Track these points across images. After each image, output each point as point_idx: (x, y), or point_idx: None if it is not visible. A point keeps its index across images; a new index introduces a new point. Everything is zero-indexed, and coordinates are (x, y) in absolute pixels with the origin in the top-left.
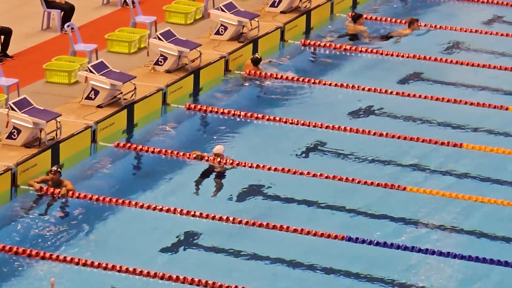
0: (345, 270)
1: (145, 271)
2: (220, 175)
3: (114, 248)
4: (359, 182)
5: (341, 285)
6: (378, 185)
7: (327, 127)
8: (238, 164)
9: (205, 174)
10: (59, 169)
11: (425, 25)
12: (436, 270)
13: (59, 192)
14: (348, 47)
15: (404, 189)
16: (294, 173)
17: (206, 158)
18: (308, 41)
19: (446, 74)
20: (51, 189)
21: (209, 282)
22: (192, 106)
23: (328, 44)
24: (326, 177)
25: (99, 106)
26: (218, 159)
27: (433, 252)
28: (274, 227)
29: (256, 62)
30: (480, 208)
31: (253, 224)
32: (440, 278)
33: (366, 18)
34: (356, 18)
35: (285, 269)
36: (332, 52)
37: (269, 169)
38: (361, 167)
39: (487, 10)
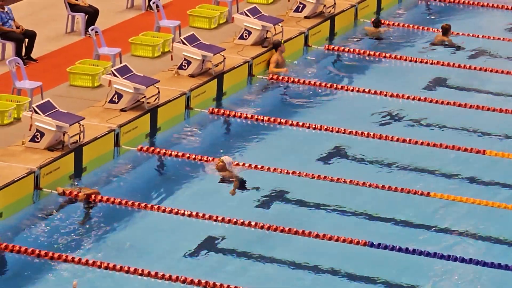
0: (368, 276)
1: (167, 275)
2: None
3: (136, 252)
4: (382, 187)
5: None
6: (401, 190)
7: (350, 132)
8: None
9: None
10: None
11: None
12: (461, 277)
13: (81, 195)
14: (371, 52)
15: (428, 194)
16: (317, 178)
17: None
18: (332, 46)
19: (470, 81)
20: (74, 192)
21: (231, 286)
22: (216, 110)
23: (351, 50)
24: (349, 182)
25: (122, 110)
26: (218, 162)
27: (455, 259)
28: (296, 232)
29: (275, 46)
30: (504, 214)
31: (275, 229)
32: (465, 285)
33: (389, 24)
34: (376, 22)
35: (306, 274)
36: (356, 58)
37: (292, 174)
38: (383, 172)
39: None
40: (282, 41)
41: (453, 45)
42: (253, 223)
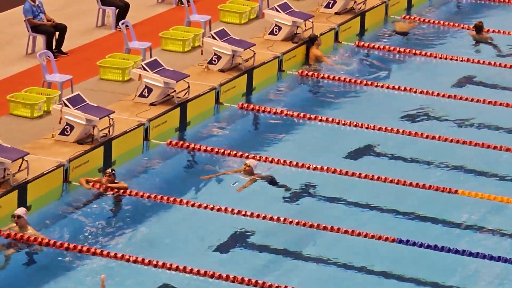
0: (396, 273)
1: (195, 269)
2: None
3: (165, 246)
4: (410, 184)
5: (392, 287)
6: (430, 187)
7: (379, 128)
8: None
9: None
10: (113, 171)
11: (488, 31)
12: (490, 275)
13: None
14: (402, 49)
15: (456, 192)
16: (346, 174)
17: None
18: (362, 42)
19: (500, 78)
20: (103, 186)
21: (259, 281)
22: (245, 105)
23: (381, 46)
24: (378, 179)
25: (152, 104)
26: (244, 167)
27: (484, 256)
28: (325, 228)
29: (312, 40)
30: None
31: (304, 224)
32: (497, 284)
33: (420, 20)
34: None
35: (332, 269)
36: (386, 54)
37: (320, 170)
38: (412, 169)
39: None
40: (318, 35)
41: (487, 42)
42: (282, 219)
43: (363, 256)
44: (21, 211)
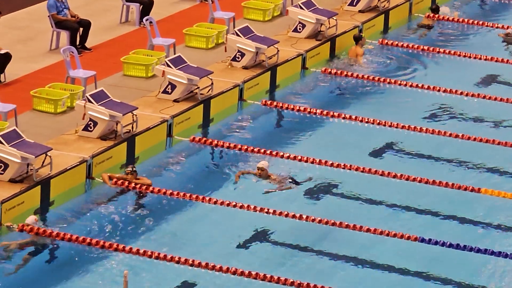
0: (415, 271)
1: (217, 266)
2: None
3: (187, 243)
4: (433, 182)
5: (412, 285)
6: (452, 186)
7: (402, 127)
8: (292, 181)
9: None
10: (134, 168)
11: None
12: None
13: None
14: (425, 47)
15: (479, 190)
16: (368, 172)
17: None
18: (386, 40)
19: None
20: (126, 182)
21: (281, 278)
22: (268, 102)
23: (405, 44)
24: (400, 177)
25: (175, 101)
26: (259, 172)
27: (506, 255)
28: (347, 226)
29: (356, 39)
30: None
31: (326, 222)
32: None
33: (444, 19)
34: (434, 9)
35: (351, 267)
36: (409, 52)
37: (343, 167)
38: (433, 167)
39: None
40: (363, 35)
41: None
42: (304, 216)
43: (383, 254)
44: (31, 220)
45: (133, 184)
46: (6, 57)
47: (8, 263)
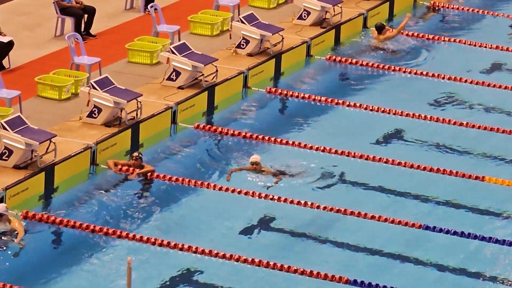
0: (420, 259)
1: (220, 253)
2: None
3: (191, 229)
4: (437, 170)
5: (417, 273)
6: (456, 174)
7: (407, 114)
8: (282, 173)
9: None
10: (140, 155)
11: None
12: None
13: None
14: (431, 36)
15: (483, 179)
16: (373, 159)
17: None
18: (391, 29)
19: None
20: (130, 169)
21: (284, 265)
22: (273, 90)
23: (411, 33)
24: (405, 165)
25: (180, 88)
26: (254, 167)
27: (510, 243)
28: (352, 213)
29: (379, 29)
30: None
31: (331, 209)
32: None
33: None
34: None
35: (356, 254)
36: (415, 40)
37: (347, 155)
38: (439, 156)
39: None
40: (385, 23)
41: None
42: (309, 203)
43: (389, 242)
44: (1, 208)
45: (137, 171)
46: (9, 45)
47: (11, 249)
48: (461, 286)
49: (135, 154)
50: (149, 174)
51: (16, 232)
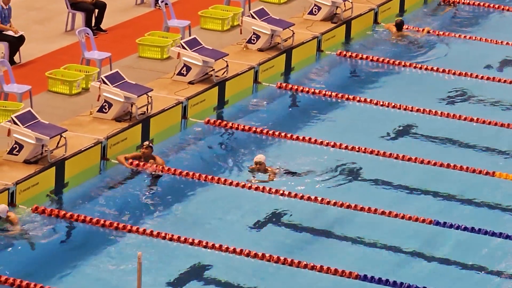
0: (432, 255)
1: (231, 247)
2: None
3: (201, 224)
4: (447, 166)
5: (430, 269)
6: (466, 169)
7: (417, 110)
8: (287, 173)
9: None
10: (151, 144)
11: None
12: None
13: (149, 166)
14: (441, 32)
15: (493, 174)
16: (383, 155)
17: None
18: (410, 26)
19: None
20: (141, 163)
21: (295, 261)
22: (283, 85)
23: (421, 29)
24: (415, 160)
25: (190, 82)
26: (257, 167)
27: None
28: (362, 208)
29: (399, 26)
30: None
31: (341, 205)
32: None
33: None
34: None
35: (368, 250)
36: (425, 37)
37: (358, 150)
38: (450, 151)
39: None
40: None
41: None
42: (319, 198)
43: (399, 237)
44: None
45: (149, 165)
46: (20, 40)
47: (21, 245)
48: (469, 281)
49: (146, 142)
50: (160, 167)
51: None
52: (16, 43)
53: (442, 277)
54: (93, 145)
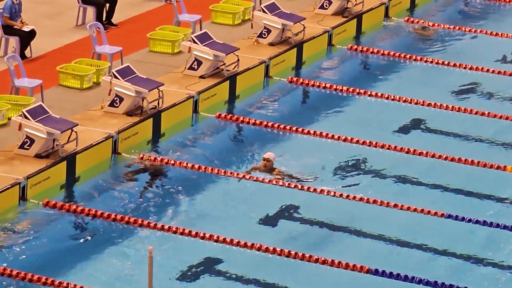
0: (443, 249)
1: (242, 242)
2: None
3: (213, 218)
4: (458, 160)
5: (441, 262)
6: (477, 163)
7: (428, 104)
8: (291, 177)
9: None
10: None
11: None
12: None
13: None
14: (452, 26)
15: (504, 168)
16: (394, 149)
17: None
18: (412, 19)
19: None
20: (152, 157)
21: (305, 255)
22: (294, 79)
23: (431, 23)
24: (426, 154)
25: (201, 77)
26: (264, 163)
27: None
28: (374, 202)
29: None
30: None
31: (354, 198)
32: None
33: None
34: None
35: (381, 244)
36: (437, 31)
37: (369, 144)
38: (459, 145)
39: None
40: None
41: None
42: (331, 192)
43: (410, 231)
44: None
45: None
46: (31, 34)
47: (33, 239)
48: (479, 273)
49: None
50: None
51: None
52: (27, 37)
53: (455, 270)
54: (104, 139)
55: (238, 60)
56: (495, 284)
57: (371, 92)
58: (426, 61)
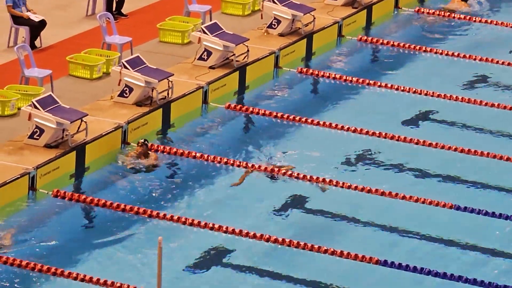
0: (451, 239)
1: (251, 232)
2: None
3: (222, 209)
4: (468, 151)
5: (450, 253)
6: (487, 155)
7: (438, 95)
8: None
9: None
10: (146, 142)
11: None
12: None
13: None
14: (462, 16)
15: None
16: (404, 140)
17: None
18: (422, 9)
19: None
20: (161, 147)
21: (315, 246)
22: (304, 70)
23: (442, 13)
24: (435, 145)
25: (211, 67)
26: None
27: None
28: (382, 193)
29: None
30: None
31: (362, 189)
32: None
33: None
34: None
35: (388, 235)
36: (446, 21)
37: (378, 135)
38: (471, 137)
39: None
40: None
41: None
42: (340, 183)
43: (419, 222)
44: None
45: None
46: (42, 24)
47: (42, 229)
48: (486, 265)
49: (141, 140)
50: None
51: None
52: (37, 27)
53: (463, 262)
54: (113, 129)
55: (248, 50)
56: (506, 275)
57: (380, 83)
58: (436, 52)
